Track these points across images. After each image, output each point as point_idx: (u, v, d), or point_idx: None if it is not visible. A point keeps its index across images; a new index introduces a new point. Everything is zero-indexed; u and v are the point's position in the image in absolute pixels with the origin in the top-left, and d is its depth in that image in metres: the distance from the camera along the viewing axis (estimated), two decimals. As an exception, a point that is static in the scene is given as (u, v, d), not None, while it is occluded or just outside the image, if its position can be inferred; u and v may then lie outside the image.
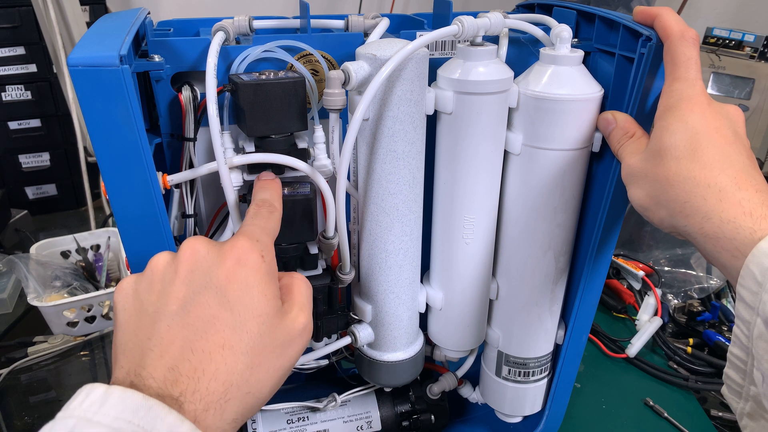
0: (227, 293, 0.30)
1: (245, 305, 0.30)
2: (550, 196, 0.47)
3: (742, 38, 1.03)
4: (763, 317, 0.31)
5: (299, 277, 0.37)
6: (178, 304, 0.29)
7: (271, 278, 0.32)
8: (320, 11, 1.30)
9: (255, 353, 0.29)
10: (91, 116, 0.34)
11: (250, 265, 0.31)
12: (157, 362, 0.28)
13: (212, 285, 0.30)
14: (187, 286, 0.30)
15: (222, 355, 0.28)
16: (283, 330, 0.31)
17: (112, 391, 0.26)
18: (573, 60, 0.43)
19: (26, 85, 1.10)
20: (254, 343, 0.30)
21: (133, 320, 0.31)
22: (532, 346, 0.55)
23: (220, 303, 0.29)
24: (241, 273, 0.31)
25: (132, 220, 0.38)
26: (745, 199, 0.34)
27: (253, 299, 0.30)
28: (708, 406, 0.73)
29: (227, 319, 0.29)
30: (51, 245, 0.92)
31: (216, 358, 0.28)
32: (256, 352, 0.30)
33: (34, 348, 0.79)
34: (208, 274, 0.30)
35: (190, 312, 0.29)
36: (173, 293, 0.30)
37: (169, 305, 0.30)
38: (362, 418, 0.58)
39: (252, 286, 0.31)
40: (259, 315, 0.30)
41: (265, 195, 0.40)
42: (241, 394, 0.28)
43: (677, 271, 0.92)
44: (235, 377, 0.28)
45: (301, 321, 0.33)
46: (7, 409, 0.71)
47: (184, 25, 0.51)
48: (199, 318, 0.29)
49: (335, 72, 0.40)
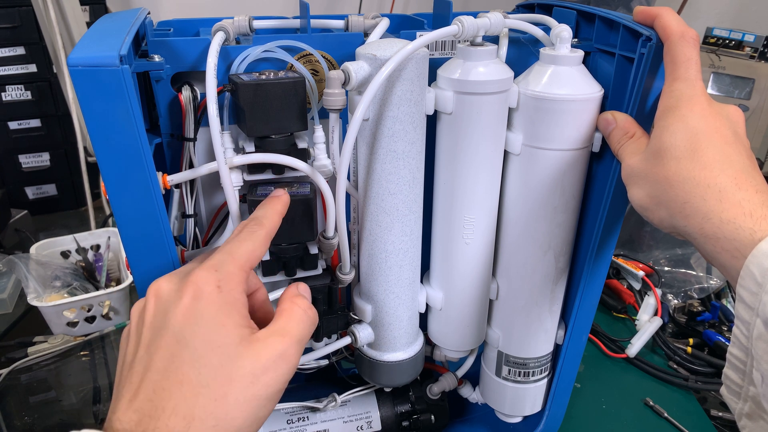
0: (183, 330, 0.30)
1: (202, 339, 0.30)
2: (550, 196, 0.47)
3: (742, 38, 1.03)
4: (763, 318, 0.31)
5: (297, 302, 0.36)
6: (144, 349, 0.31)
7: (232, 308, 0.32)
8: (320, 11, 1.30)
9: (217, 384, 0.29)
10: (91, 116, 0.34)
11: (204, 299, 0.31)
12: (126, 406, 0.29)
13: (169, 325, 0.31)
14: (151, 331, 0.31)
15: (181, 390, 0.29)
16: (251, 358, 0.31)
17: None
18: (573, 60, 0.43)
19: (26, 85, 1.10)
20: (215, 374, 0.30)
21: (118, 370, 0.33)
22: (532, 346, 0.55)
23: (177, 341, 0.30)
24: (195, 307, 0.31)
25: (132, 220, 0.38)
26: (745, 199, 0.33)
27: (210, 332, 0.30)
28: (708, 406, 0.73)
29: (184, 355, 0.30)
30: (51, 245, 0.92)
31: (175, 394, 0.29)
32: (219, 382, 0.29)
33: (34, 348, 0.79)
34: (165, 314, 0.31)
35: (153, 355, 0.30)
36: (142, 340, 0.32)
37: (139, 351, 0.31)
38: (362, 418, 0.58)
39: (207, 319, 0.31)
40: (219, 346, 0.30)
41: (260, 212, 0.39)
42: (206, 427, 0.29)
43: (677, 271, 0.92)
44: (197, 411, 0.29)
45: (278, 348, 0.32)
46: (7, 409, 0.71)
47: (184, 25, 0.51)
48: (161, 359, 0.30)
49: (335, 72, 0.40)
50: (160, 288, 0.33)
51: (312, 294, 0.49)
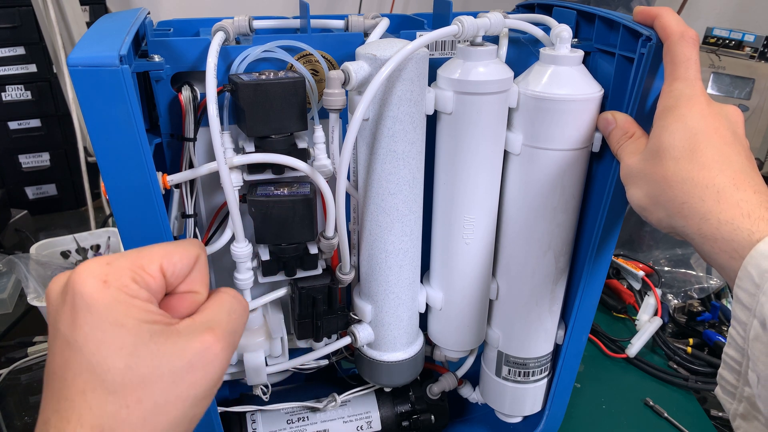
0: (73, 333, 0.27)
1: (96, 341, 0.26)
2: (550, 196, 0.47)
3: (742, 38, 1.03)
4: (760, 319, 0.31)
5: (226, 290, 0.32)
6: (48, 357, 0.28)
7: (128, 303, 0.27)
8: (320, 11, 1.30)
9: (129, 390, 0.26)
10: (91, 116, 0.34)
11: (87, 296, 0.27)
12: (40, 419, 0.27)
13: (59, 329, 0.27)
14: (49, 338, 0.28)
15: (84, 399, 0.26)
16: (169, 356, 0.27)
17: None
18: (573, 60, 0.43)
19: (26, 85, 1.10)
20: (123, 378, 0.26)
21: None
22: (532, 346, 0.55)
23: (69, 346, 0.27)
24: (80, 306, 0.27)
25: (132, 220, 0.38)
26: (744, 200, 0.33)
27: (104, 333, 0.26)
28: (708, 406, 0.73)
29: (80, 360, 0.26)
30: (51, 245, 0.92)
31: (80, 404, 0.26)
32: (131, 388, 0.26)
33: (34, 348, 0.79)
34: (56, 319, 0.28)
35: (52, 362, 0.27)
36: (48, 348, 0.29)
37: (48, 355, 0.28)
38: (362, 418, 0.58)
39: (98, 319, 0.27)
40: (121, 347, 0.26)
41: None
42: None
43: (677, 271, 0.92)
44: (105, 420, 0.26)
45: (206, 342, 0.28)
46: (7, 409, 0.71)
47: (184, 25, 0.51)
48: (59, 366, 0.27)
49: (335, 72, 0.40)
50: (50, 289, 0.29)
51: (312, 294, 0.49)
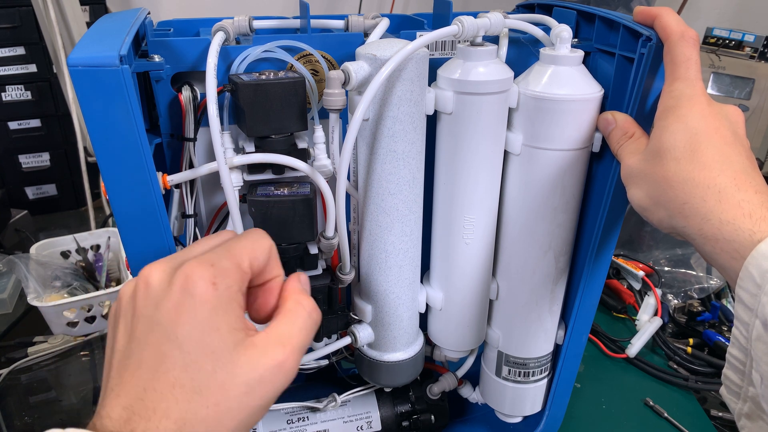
0: (176, 329, 0.28)
1: (195, 341, 0.28)
2: (550, 196, 0.47)
3: (742, 38, 1.03)
4: (762, 319, 0.31)
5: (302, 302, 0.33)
6: (135, 342, 0.29)
7: (228, 308, 0.29)
8: (320, 11, 1.30)
9: (210, 391, 0.28)
10: (91, 116, 0.34)
11: (198, 296, 0.29)
12: (114, 401, 0.28)
13: (161, 321, 0.29)
14: (141, 323, 0.29)
15: (173, 394, 0.27)
16: (246, 367, 0.29)
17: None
18: (573, 60, 0.43)
19: (26, 85, 1.10)
20: (208, 380, 0.28)
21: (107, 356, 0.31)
22: (532, 346, 0.55)
23: (169, 340, 0.28)
24: (187, 304, 0.29)
25: (132, 220, 0.38)
26: (745, 200, 0.33)
27: (203, 334, 0.28)
28: (708, 406, 0.73)
29: (177, 357, 0.28)
30: (51, 245, 0.91)
31: (167, 396, 0.27)
32: (211, 390, 0.28)
33: (34, 348, 0.79)
34: (156, 307, 0.29)
35: (143, 350, 0.28)
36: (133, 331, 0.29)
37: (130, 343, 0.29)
38: (362, 418, 0.58)
39: (201, 320, 0.28)
40: (212, 351, 0.28)
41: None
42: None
43: (677, 271, 0.92)
44: (189, 416, 0.27)
45: (277, 358, 0.29)
46: (7, 409, 0.71)
47: (184, 25, 0.51)
48: (151, 356, 0.28)
49: (335, 72, 0.40)
50: (151, 276, 0.30)
51: (312, 294, 0.49)
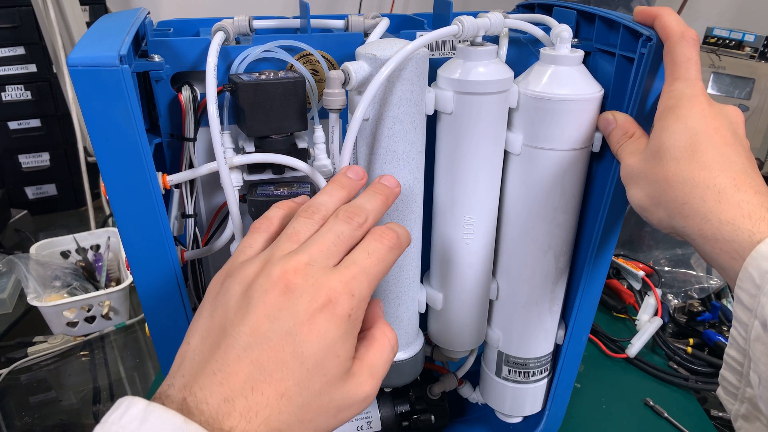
0: (304, 344, 0.29)
1: (316, 361, 0.29)
2: (550, 196, 0.47)
3: (742, 38, 1.03)
4: (761, 320, 0.31)
5: (388, 334, 0.34)
6: (255, 338, 0.29)
7: (350, 336, 0.30)
8: (320, 11, 1.30)
9: (309, 410, 0.29)
10: (91, 116, 0.34)
11: (335, 321, 0.29)
12: (216, 388, 0.27)
13: (292, 331, 0.29)
14: (270, 323, 0.29)
15: (279, 403, 0.28)
16: (343, 394, 0.30)
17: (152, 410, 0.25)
18: (573, 60, 0.43)
19: (26, 85, 1.10)
20: (312, 400, 0.29)
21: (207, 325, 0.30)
22: (532, 346, 0.55)
23: (294, 352, 0.28)
24: (322, 327, 0.29)
25: (132, 220, 0.38)
26: (745, 200, 0.33)
27: (326, 357, 0.29)
28: (708, 406, 0.73)
29: (295, 370, 0.28)
30: (51, 245, 0.92)
31: (272, 404, 0.28)
32: (310, 409, 0.29)
33: (34, 348, 0.79)
34: (293, 316, 0.29)
35: (264, 350, 0.28)
36: (254, 322, 0.29)
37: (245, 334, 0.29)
38: (362, 418, 0.58)
39: (328, 343, 0.29)
40: (325, 374, 0.29)
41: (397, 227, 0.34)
42: None
43: (677, 271, 0.92)
44: (283, 426, 0.28)
45: (366, 390, 0.31)
46: (7, 409, 0.71)
47: (184, 25, 0.51)
48: (270, 360, 0.28)
49: (335, 72, 0.40)
50: (293, 281, 0.30)
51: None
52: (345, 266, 0.31)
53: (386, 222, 0.35)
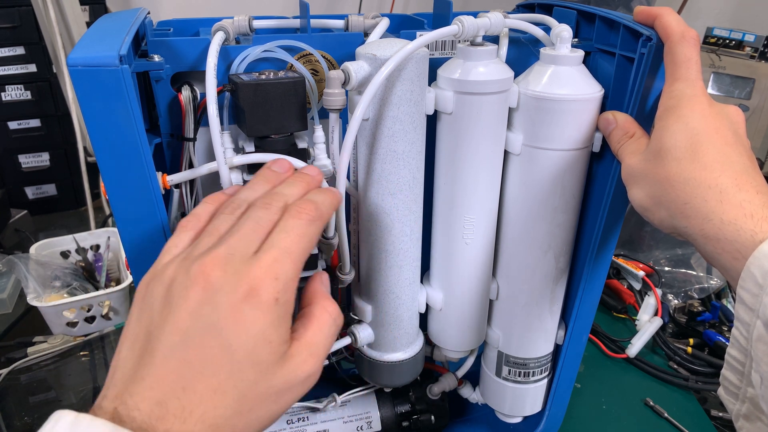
0: (231, 337, 0.28)
1: (246, 351, 0.28)
2: (550, 196, 0.47)
3: (742, 38, 1.03)
4: (764, 319, 0.31)
5: (328, 308, 0.34)
6: (180, 336, 0.28)
7: (282, 321, 0.30)
8: (320, 11, 1.30)
9: (246, 400, 0.28)
10: (91, 116, 0.34)
11: (261, 308, 0.29)
12: (147, 393, 0.27)
13: (218, 325, 0.28)
14: (193, 320, 0.28)
15: (213, 399, 0.27)
16: (282, 378, 0.30)
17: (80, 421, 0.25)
18: (573, 60, 0.43)
19: (26, 85, 1.10)
20: (248, 390, 0.29)
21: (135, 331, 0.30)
22: (532, 346, 0.55)
23: (222, 345, 0.28)
24: (248, 316, 0.29)
25: (132, 220, 0.38)
26: (746, 200, 0.33)
27: (257, 346, 0.29)
28: (708, 406, 0.73)
29: (225, 363, 0.28)
30: (51, 245, 0.92)
31: (206, 401, 0.27)
32: (248, 399, 0.28)
33: (34, 348, 0.79)
34: (215, 309, 0.28)
35: (190, 348, 0.28)
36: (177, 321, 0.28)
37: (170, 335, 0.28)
38: (362, 418, 0.58)
39: (257, 332, 0.29)
40: (259, 363, 0.29)
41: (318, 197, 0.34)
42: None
43: (677, 271, 0.92)
44: (221, 421, 0.28)
45: (306, 369, 0.31)
46: (7, 409, 0.71)
47: (184, 25, 0.51)
48: (198, 357, 0.28)
49: (335, 72, 0.40)
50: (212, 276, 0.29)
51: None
52: (264, 251, 0.30)
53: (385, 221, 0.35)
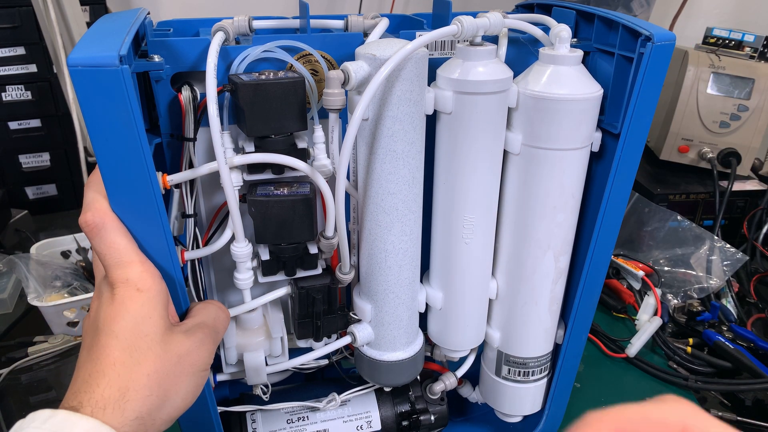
0: (112, 326, 0.35)
1: (129, 329, 0.35)
2: (550, 196, 0.47)
3: (742, 38, 1.03)
4: None
5: (213, 302, 0.43)
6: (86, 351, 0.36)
7: (156, 304, 0.36)
8: (320, 11, 1.30)
9: (148, 363, 0.35)
10: (91, 116, 0.34)
11: (128, 299, 0.36)
12: (69, 391, 0.34)
13: (99, 326, 0.36)
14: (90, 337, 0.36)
15: (114, 369, 0.34)
16: (175, 343, 0.37)
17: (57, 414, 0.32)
18: (572, 60, 0.43)
19: (26, 85, 1.10)
20: (145, 355, 0.35)
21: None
22: (531, 345, 0.55)
23: (107, 335, 0.35)
24: (119, 307, 0.36)
25: (132, 221, 0.38)
26: None
27: (136, 323, 0.35)
28: (708, 406, 0.73)
29: (114, 344, 0.35)
30: (51, 245, 0.92)
31: (108, 372, 0.33)
32: (149, 361, 0.35)
33: (34, 348, 0.79)
34: (95, 321, 0.36)
35: (91, 351, 0.35)
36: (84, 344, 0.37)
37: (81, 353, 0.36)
38: (362, 417, 0.58)
39: (133, 313, 0.35)
40: (146, 335, 0.35)
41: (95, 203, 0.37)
42: (140, 396, 0.33)
43: (677, 271, 0.92)
44: (131, 383, 0.33)
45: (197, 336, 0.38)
46: (7, 409, 0.71)
47: (184, 25, 0.51)
48: (96, 352, 0.35)
49: (335, 72, 0.40)
50: (92, 303, 0.38)
51: (312, 294, 0.49)
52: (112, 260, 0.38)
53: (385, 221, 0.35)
